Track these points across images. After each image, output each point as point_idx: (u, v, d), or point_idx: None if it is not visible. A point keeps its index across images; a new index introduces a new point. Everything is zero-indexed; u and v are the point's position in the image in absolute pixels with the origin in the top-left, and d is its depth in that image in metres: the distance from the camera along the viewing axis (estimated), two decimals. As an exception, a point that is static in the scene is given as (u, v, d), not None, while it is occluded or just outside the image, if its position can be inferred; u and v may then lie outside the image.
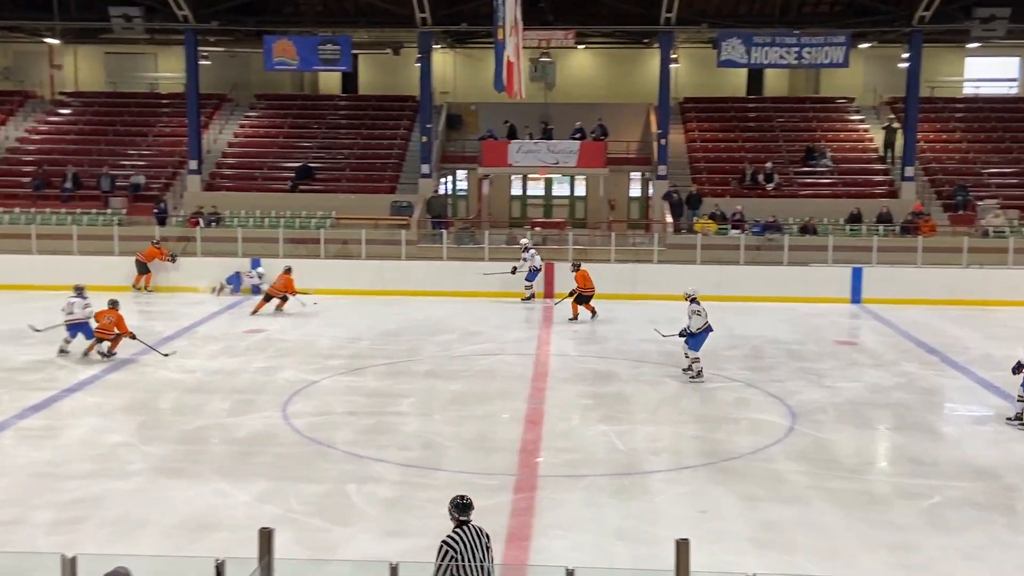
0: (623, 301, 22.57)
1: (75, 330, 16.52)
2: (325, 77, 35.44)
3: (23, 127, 31.75)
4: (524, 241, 23.88)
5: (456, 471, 11.08)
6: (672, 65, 28.23)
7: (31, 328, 16.93)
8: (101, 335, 16.27)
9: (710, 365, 16.36)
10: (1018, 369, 12.89)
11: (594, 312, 20.87)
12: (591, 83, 34.26)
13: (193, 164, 28.69)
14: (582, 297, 20.83)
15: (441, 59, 32.85)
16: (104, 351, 16.32)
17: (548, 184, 33.08)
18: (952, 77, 33.28)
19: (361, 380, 15.39)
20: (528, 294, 23.27)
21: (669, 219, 26.73)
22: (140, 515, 9.67)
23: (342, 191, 28.51)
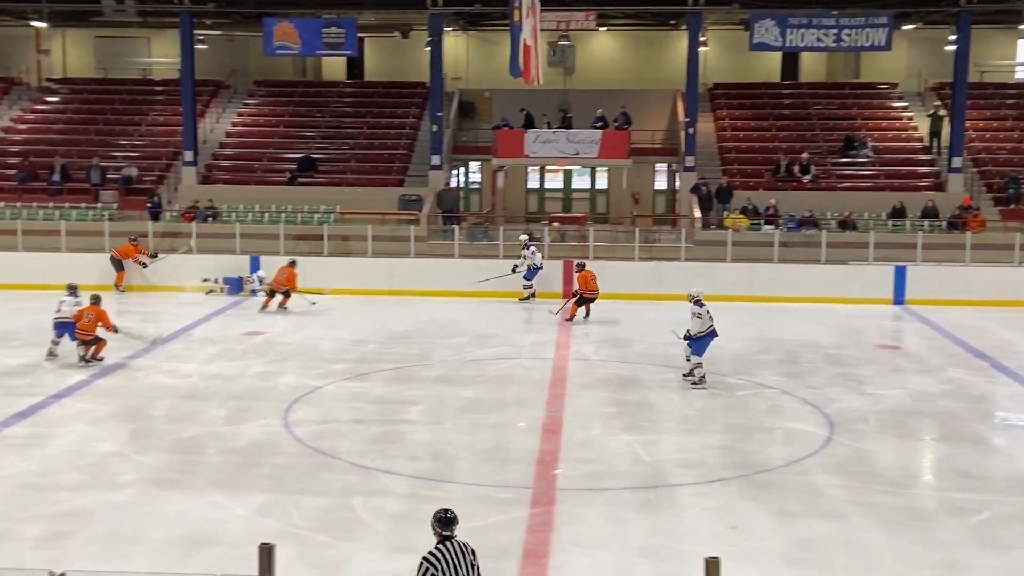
0: (648, 302, 22.57)
1: (62, 329, 16.54)
2: (329, 62, 35.55)
3: (8, 116, 32.01)
4: (524, 237, 23.85)
5: (469, 483, 11.09)
6: (701, 48, 28.21)
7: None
8: (81, 336, 16.20)
9: (742, 370, 16.36)
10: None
11: (588, 312, 20.93)
12: (614, 68, 34.24)
13: (188, 155, 28.86)
14: (583, 299, 20.86)
15: (453, 42, 32.91)
16: (83, 354, 16.22)
17: (567, 177, 33.11)
18: (1003, 61, 33.14)
19: (367, 386, 15.43)
20: (527, 294, 23.26)
21: (697, 214, 26.71)
22: (132, 529, 9.71)
23: (347, 184, 28.63)
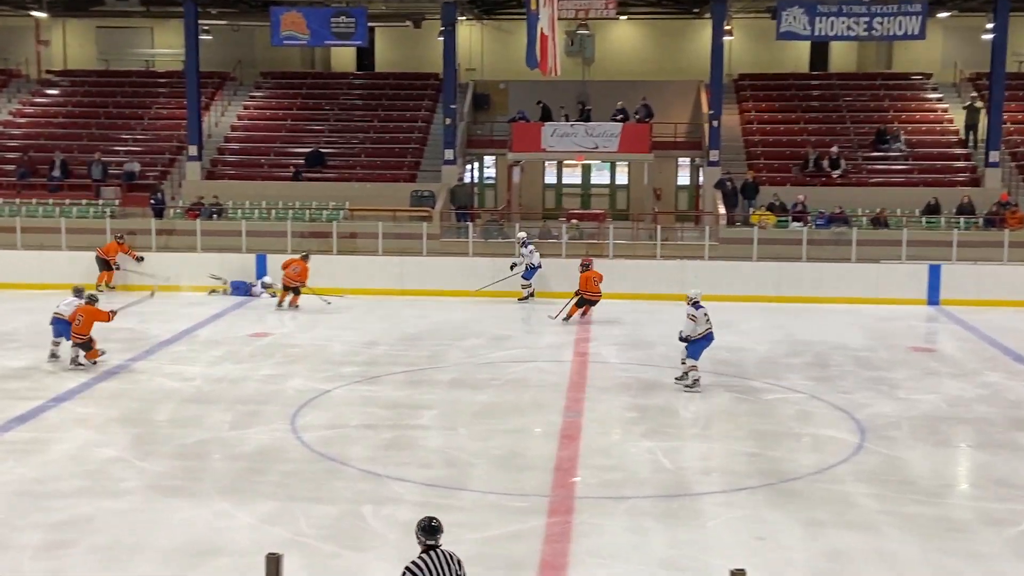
0: (670, 302, 22.45)
1: (58, 327, 16.53)
2: (338, 53, 35.61)
3: (7, 109, 32.18)
4: (521, 235, 23.82)
5: (483, 491, 11.11)
6: (726, 38, 28.10)
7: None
8: (76, 339, 16.19)
9: (768, 374, 16.32)
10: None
11: (584, 314, 20.93)
12: (635, 58, 34.22)
13: (193, 150, 28.95)
14: (584, 301, 20.84)
15: (467, 32, 32.95)
16: (76, 357, 16.23)
17: (586, 171, 33.11)
18: (1043, 50, 32.93)
19: (378, 389, 15.46)
20: (526, 293, 23.26)
21: (722, 210, 26.64)
22: (134, 538, 9.76)
23: (357, 179, 28.67)
